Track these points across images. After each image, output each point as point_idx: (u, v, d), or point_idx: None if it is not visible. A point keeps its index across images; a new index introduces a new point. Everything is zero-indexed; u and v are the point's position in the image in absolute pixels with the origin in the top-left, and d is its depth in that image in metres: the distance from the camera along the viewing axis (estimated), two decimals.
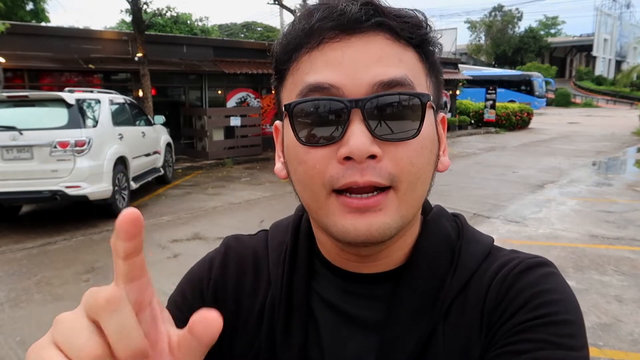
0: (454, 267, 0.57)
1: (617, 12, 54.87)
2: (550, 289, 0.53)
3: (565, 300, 0.53)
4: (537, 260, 0.57)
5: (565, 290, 0.55)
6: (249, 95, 14.38)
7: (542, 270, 0.56)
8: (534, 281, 0.54)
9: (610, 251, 5.35)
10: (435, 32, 0.56)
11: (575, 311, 0.53)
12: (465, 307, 0.55)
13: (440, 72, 0.60)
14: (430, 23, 0.55)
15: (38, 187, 5.95)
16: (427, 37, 0.55)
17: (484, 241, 0.61)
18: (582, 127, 23.47)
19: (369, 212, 0.50)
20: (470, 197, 7.97)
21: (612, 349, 3.31)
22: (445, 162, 0.58)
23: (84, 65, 10.77)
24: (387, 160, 0.49)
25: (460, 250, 0.59)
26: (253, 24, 46.91)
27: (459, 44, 27.94)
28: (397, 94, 0.50)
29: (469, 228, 0.63)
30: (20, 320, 3.81)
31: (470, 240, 0.60)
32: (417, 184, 0.52)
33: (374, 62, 0.50)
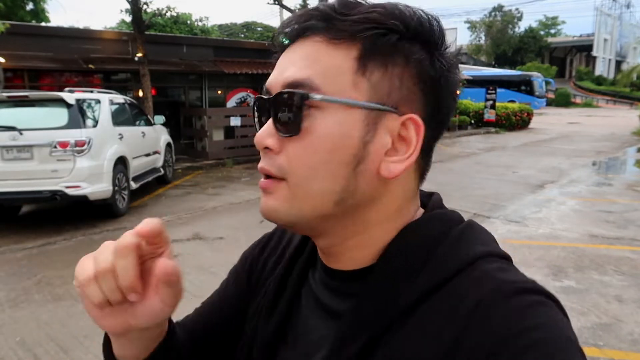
0: (424, 270, 0.53)
1: (617, 12, 54.90)
2: (530, 327, 0.46)
3: (551, 346, 0.44)
4: (525, 286, 0.49)
5: (555, 329, 0.46)
6: (249, 95, 14.39)
7: (525, 299, 0.48)
8: (513, 315, 0.47)
9: (610, 251, 5.35)
10: (397, 25, 0.52)
11: (566, 351, 0.45)
12: (431, 317, 0.50)
13: (409, 66, 0.54)
14: (392, 18, 0.52)
15: (38, 187, 5.95)
16: (368, 34, 0.52)
17: (473, 248, 0.54)
18: (582, 127, 23.47)
19: (264, 194, 0.59)
20: (470, 197, 7.97)
21: (612, 349, 3.31)
22: (392, 169, 0.54)
23: (84, 65, 10.77)
24: (282, 154, 0.55)
25: (435, 253, 0.54)
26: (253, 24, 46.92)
27: (458, 44, 27.93)
28: (285, 92, 0.53)
29: (466, 233, 0.56)
30: (20, 320, 3.81)
31: (454, 245, 0.54)
32: (312, 181, 0.53)
33: (289, 65, 0.54)
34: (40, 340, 3.49)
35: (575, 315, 3.80)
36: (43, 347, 3.39)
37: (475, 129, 21.23)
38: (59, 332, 3.61)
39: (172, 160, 9.91)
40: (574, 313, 3.84)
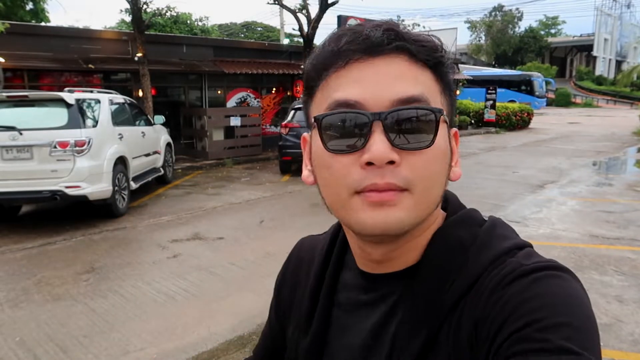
0: (461, 272, 0.60)
1: (617, 12, 54.86)
2: (538, 294, 0.52)
3: (557, 304, 0.51)
4: (537, 265, 0.56)
5: (560, 292, 0.52)
6: (249, 95, 14.38)
7: (535, 275, 0.54)
8: (522, 289, 0.53)
9: (611, 251, 5.34)
10: (449, 54, 0.61)
11: (571, 313, 0.50)
12: (464, 314, 0.57)
13: (453, 91, 0.64)
14: (445, 47, 0.61)
15: (38, 187, 5.95)
16: (442, 60, 0.60)
17: (497, 246, 0.60)
18: (582, 127, 23.46)
19: (386, 206, 0.56)
20: (470, 197, 7.96)
21: (612, 349, 3.30)
22: (456, 172, 0.63)
23: (84, 65, 10.77)
24: (404, 167, 0.56)
25: (469, 255, 0.60)
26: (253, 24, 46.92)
27: (459, 44, 27.92)
28: (414, 108, 0.56)
29: (491, 233, 0.62)
30: (20, 320, 3.80)
31: (482, 245, 0.61)
32: (431, 189, 0.58)
33: (393, 80, 0.57)
34: (40, 340, 3.49)
35: None
36: (43, 347, 3.39)
37: (476, 129, 21.22)
38: (59, 332, 3.60)
39: (172, 160, 9.90)
40: None
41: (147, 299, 4.19)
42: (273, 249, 5.45)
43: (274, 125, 14.64)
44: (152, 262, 5.11)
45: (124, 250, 5.48)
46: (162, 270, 4.84)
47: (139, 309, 3.98)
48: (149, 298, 4.20)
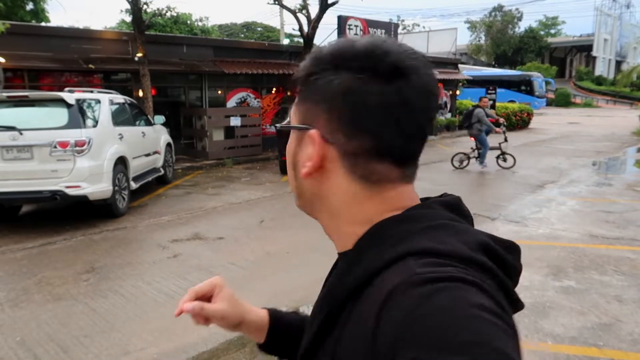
0: (356, 268, 0.59)
1: (617, 12, 54.84)
2: (432, 311, 0.46)
3: (442, 326, 0.45)
4: (431, 276, 0.50)
5: (446, 312, 0.46)
6: (249, 95, 14.39)
7: (429, 287, 0.49)
8: (414, 304, 0.48)
9: (610, 251, 5.35)
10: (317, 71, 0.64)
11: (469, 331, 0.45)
12: (359, 314, 0.54)
13: (316, 99, 0.64)
14: (311, 62, 0.65)
15: (38, 187, 5.95)
16: (298, 81, 0.67)
17: (403, 248, 0.55)
18: (582, 127, 23.46)
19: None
20: (470, 197, 7.97)
21: (612, 349, 3.31)
22: (302, 172, 0.66)
23: (84, 65, 10.77)
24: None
25: (368, 250, 0.59)
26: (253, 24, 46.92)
27: (459, 44, 27.92)
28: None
29: (405, 233, 0.58)
30: (20, 320, 3.81)
31: (388, 243, 0.57)
32: (291, 180, 0.71)
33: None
34: (40, 340, 3.49)
35: (575, 315, 3.81)
36: (43, 347, 3.39)
37: None
38: (59, 332, 3.61)
39: (172, 160, 9.91)
40: (574, 313, 3.84)
41: (148, 298, 4.19)
42: (273, 249, 5.45)
43: (274, 126, 14.65)
44: (152, 262, 5.12)
45: (124, 250, 5.48)
46: (162, 270, 4.85)
47: (140, 309, 3.98)
48: (149, 298, 4.21)
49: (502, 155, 10.82)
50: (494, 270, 0.56)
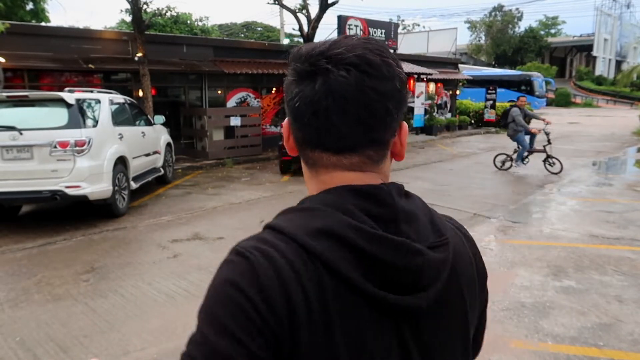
0: None
1: (617, 12, 54.80)
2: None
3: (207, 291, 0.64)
4: (234, 248, 0.65)
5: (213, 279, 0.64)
6: (249, 95, 14.38)
7: (225, 258, 0.65)
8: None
9: (610, 251, 5.34)
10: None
11: (206, 299, 0.63)
12: None
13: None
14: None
15: (38, 187, 5.95)
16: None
17: (273, 220, 0.68)
18: (582, 127, 23.46)
19: None
20: (470, 197, 7.97)
21: (612, 349, 3.30)
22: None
23: (84, 65, 10.77)
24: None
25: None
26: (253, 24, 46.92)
27: (459, 44, 27.93)
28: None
29: (282, 213, 0.70)
30: (20, 320, 3.80)
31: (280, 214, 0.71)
32: None
33: None
34: (40, 340, 3.49)
35: (575, 315, 3.81)
36: (43, 347, 3.39)
37: (475, 129, 21.23)
38: (59, 332, 3.61)
39: (172, 160, 9.90)
40: (574, 313, 3.84)
41: (148, 298, 4.19)
42: None
43: (274, 125, 14.65)
44: (152, 262, 5.11)
45: (124, 250, 5.48)
46: (162, 270, 4.84)
47: (139, 309, 3.98)
48: (149, 298, 4.20)
49: (548, 159, 10.25)
50: (322, 255, 0.60)
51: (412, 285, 0.63)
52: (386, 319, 0.63)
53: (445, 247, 0.67)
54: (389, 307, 0.62)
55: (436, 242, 0.67)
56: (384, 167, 0.73)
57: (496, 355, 3.25)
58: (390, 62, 0.68)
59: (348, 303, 0.61)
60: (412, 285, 0.63)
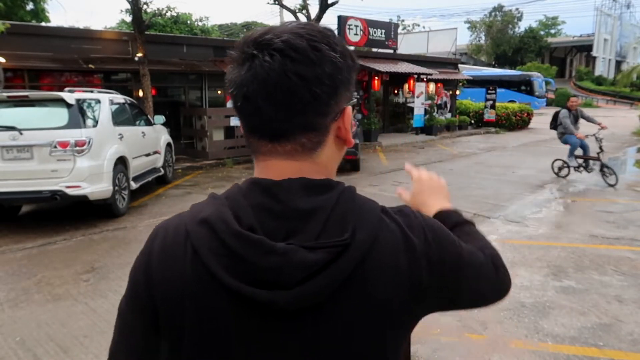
0: None
1: (617, 12, 54.80)
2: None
3: None
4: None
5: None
6: None
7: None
8: None
9: (610, 251, 5.35)
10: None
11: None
12: None
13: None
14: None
15: (38, 187, 5.94)
16: None
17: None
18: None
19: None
20: (470, 197, 7.97)
21: (612, 349, 3.31)
22: None
23: (84, 65, 10.77)
24: None
25: None
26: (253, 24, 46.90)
27: (459, 44, 27.92)
28: None
29: (203, 201, 0.72)
30: (20, 320, 3.80)
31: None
32: None
33: None
34: (40, 340, 3.49)
35: (575, 315, 3.81)
36: (43, 347, 3.39)
37: (475, 129, 21.22)
38: (59, 332, 3.61)
39: (172, 160, 9.90)
40: (574, 313, 3.84)
41: None
42: None
43: None
44: None
45: (124, 250, 5.48)
46: None
47: None
48: None
49: (603, 169, 9.03)
50: (194, 242, 0.66)
51: (274, 283, 0.62)
52: (251, 314, 0.64)
53: (333, 249, 0.63)
54: (250, 301, 0.63)
55: (323, 243, 0.64)
56: (321, 155, 0.72)
57: (496, 355, 3.25)
58: (319, 47, 0.66)
59: (210, 290, 0.64)
60: (274, 283, 0.62)
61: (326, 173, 0.73)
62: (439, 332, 3.56)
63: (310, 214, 0.66)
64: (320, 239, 0.64)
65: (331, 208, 0.66)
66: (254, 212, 0.66)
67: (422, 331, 3.57)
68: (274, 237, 0.64)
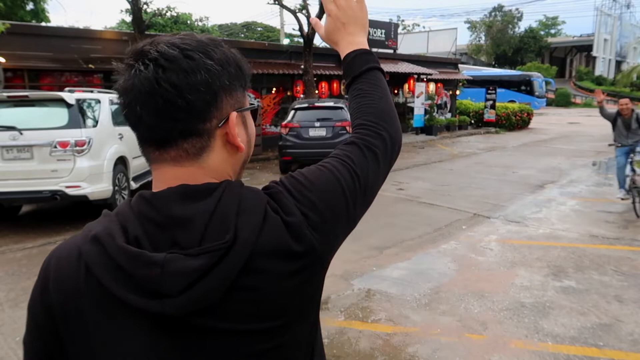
0: None
1: (617, 12, 54.79)
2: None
3: None
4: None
5: None
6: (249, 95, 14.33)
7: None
8: None
9: (610, 251, 5.35)
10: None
11: None
12: None
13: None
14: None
15: (38, 187, 5.95)
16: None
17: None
18: (582, 127, 23.46)
19: None
20: (470, 197, 7.97)
21: (612, 349, 3.31)
22: None
23: (84, 65, 10.77)
24: None
25: None
26: (253, 24, 46.91)
27: (459, 44, 27.93)
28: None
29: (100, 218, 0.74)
30: (20, 320, 3.80)
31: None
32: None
33: None
34: None
35: (575, 315, 3.81)
36: None
37: (475, 129, 21.22)
38: None
39: None
40: (574, 313, 3.84)
41: None
42: None
43: (274, 125, 14.65)
44: None
45: None
46: None
47: None
48: None
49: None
50: (86, 259, 0.67)
51: (158, 293, 0.63)
52: (145, 324, 0.65)
53: (215, 253, 0.64)
54: (141, 312, 0.64)
55: (204, 248, 0.64)
56: (208, 160, 0.73)
57: (496, 355, 3.25)
58: (193, 56, 0.69)
59: (103, 304, 0.66)
60: (158, 293, 0.63)
61: (218, 178, 0.73)
62: (439, 332, 3.56)
63: (189, 221, 0.67)
64: (203, 244, 0.65)
65: (211, 212, 0.67)
66: (140, 224, 0.67)
67: (422, 331, 3.58)
68: (160, 246, 0.65)
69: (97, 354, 0.67)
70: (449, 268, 4.85)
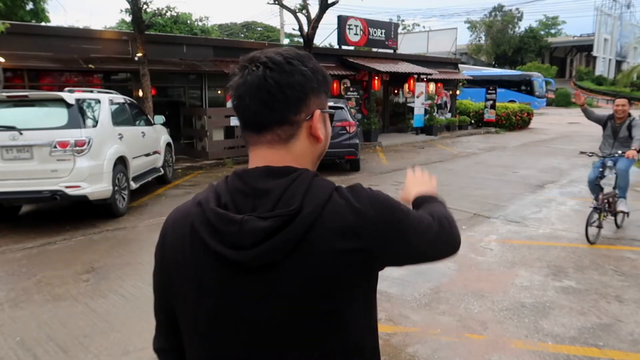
0: None
1: (617, 12, 54.76)
2: None
3: None
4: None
5: None
6: None
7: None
8: None
9: (610, 251, 5.35)
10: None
11: None
12: None
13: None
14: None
15: (38, 187, 5.94)
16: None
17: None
18: (582, 127, 23.45)
19: None
20: (471, 197, 7.97)
21: (612, 349, 3.31)
22: None
23: (84, 65, 10.77)
24: None
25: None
26: (253, 24, 46.92)
27: (459, 44, 27.90)
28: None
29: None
30: (20, 320, 3.80)
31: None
32: None
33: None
34: (40, 340, 3.49)
35: (575, 315, 3.81)
36: (43, 347, 3.39)
37: (475, 129, 21.22)
38: (59, 332, 3.61)
39: (172, 160, 9.90)
40: (574, 313, 3.84)
41: (148, 298, 4.19)
42: None
43: None
44: (152, 262, 5.10)
45: (124, 250, 5.48)
46: None
47: (139, 309, 3.98)
48: (149, 298, 4.18)
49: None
50: (191, 217, 0.88)
51: (238, 245, 0.81)
52: (227, 268, 0.84)
53: (280, 217, 0.80)
54: (225, 258, 0.82)
55: (273, 213, 0.81)
56: (294, 146, 0.90)
57: (496, 355, 3.25)
58: (293, 62, 0.88)
59: (199, 251, 0.85)
60: (237, 244, 0.81)
61: (300, 163, 0.90)
62: (439, 332, 3.56)
63: (267, 192, 0.84)
64: (275, 211, 0.82)
65: (285, 188, 0.84)
66: (229, 193, 0.87)
67: (422, 331, 3.58)
68: (242, 210, 0.84)
69: (193, 287, 0.87)
70: (449, 268, 4.85)
